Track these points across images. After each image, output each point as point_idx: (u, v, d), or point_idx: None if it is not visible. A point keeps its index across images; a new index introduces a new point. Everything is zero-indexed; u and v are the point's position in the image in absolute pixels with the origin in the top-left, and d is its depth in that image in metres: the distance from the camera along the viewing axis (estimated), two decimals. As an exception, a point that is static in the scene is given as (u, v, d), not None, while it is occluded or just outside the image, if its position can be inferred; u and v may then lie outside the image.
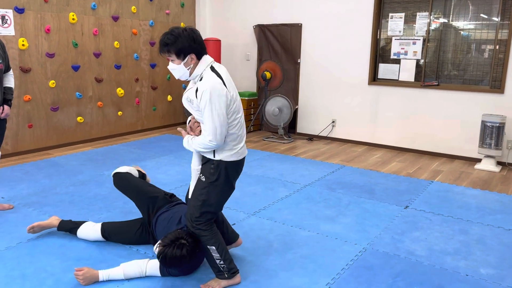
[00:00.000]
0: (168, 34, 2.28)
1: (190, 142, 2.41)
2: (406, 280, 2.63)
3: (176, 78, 2.43)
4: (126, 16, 6.33)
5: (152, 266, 2.57)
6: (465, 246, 3.11)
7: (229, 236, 2.81)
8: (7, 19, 4.98)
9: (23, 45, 5.15)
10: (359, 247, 3.04)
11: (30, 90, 5.31)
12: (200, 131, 2.38)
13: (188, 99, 2.36)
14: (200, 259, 2.67)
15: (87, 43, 5.87)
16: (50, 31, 5.43)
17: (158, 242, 2.46)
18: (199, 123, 2.42)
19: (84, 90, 5.93)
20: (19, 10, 5.07)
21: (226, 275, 2.49)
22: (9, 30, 5.01)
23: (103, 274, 2.53)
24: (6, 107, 3.48)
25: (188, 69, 2.33)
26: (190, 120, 2.50)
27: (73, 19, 5.63)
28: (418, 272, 2.73)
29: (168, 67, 2.37)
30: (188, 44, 2.26)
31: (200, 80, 2.30)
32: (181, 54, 2.27)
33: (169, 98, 7.24)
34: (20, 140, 5.32)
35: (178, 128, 2.65)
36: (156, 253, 2.43)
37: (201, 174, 2.45)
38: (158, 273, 2.57)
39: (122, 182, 3.10)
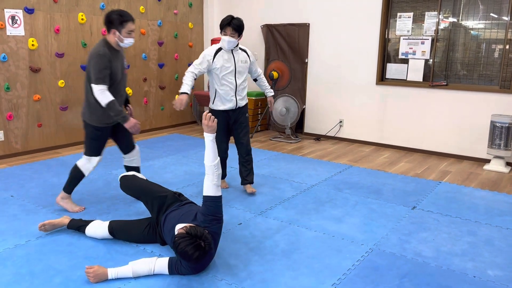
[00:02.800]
0: (239, 20, 3.63)
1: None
2: (413, 281, 2.61)
3: (227, 47, 3.64)
4: (134, 16, 6.32)
5: (161, 264, 2.59)
6: (473, 247, 3.09)
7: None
8: (17, 19, 5.03)
9: (32, 45, 5.20)
10: (366, 248, 3.03)
11: (39, 90, 5.37)
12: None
13: (244, 61, 3.79)
14: (210, 259, 2.68)
15: (96, 43, 5.89)
16: (60, 31, 5.48)
17: (184, 225, 2.48)
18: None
19: (93, 89, 5.97)
20: (29, 11, 5.13)
21: None
22: (19, 30, 5.06)
23: (112, 272, 2.55)
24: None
25: (237, 42, 3.71)
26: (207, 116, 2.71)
27: (82, 19, 5.67)
28: (425, 273, 2.72)
29: (227, 38, 3.60)
30: (243, 29, 3.68)
31: (240, 49, 3.80)
32: (240, 34, 3.67)
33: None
34: (30, 139, 5.38)
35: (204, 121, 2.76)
36: (176, 232, 2.46)
37: (246, 114, 3.95)
38: (166, 271, 2.59)
39: (130, 182, 3.14)
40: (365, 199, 3.99)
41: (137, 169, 3.70)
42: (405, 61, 5.88)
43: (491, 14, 5.25)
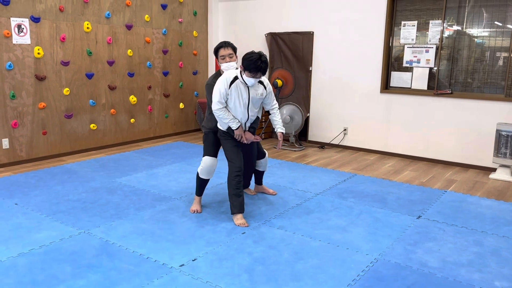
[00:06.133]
0: (266, 61, 3.30)
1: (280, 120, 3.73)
2: (419, 292, 2.58)
3: (250, 85, 3.40)
4: (139, 24, 6.40)
5: None
6: (479, 257, 3.05)
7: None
8: (23, 28, 5.07)
9: (38, 53, 5.24)
10: (371, 258, 3.00)
11: (45, 98, 5.39)
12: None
13: (260, 94, 3.51)
14: None
15: (101, 52, 5.94)
16: (65, 39, 5.51)
17: None
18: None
19: (98, 97, 6.00)
20: (35, 19, 5.17)
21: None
22: (25, 39, 5.10)
23: None
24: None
25: None
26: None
27: (87, 28, 5.71)
28: (431, 284, 2.68)
29: (253, 80, 3.34)
30: None
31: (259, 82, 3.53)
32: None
33: (181, 105, 7.28)
34: (34, 147, 5.40)
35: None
36: None
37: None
38: None
39: None
40: (370, 208, 3.96)
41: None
42: (409, 69, 5.87)
43: (496, 22, 5.24)
